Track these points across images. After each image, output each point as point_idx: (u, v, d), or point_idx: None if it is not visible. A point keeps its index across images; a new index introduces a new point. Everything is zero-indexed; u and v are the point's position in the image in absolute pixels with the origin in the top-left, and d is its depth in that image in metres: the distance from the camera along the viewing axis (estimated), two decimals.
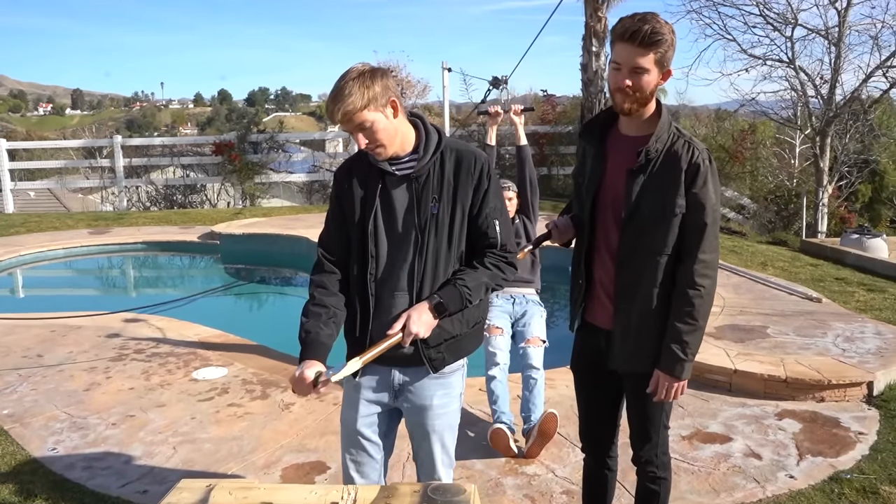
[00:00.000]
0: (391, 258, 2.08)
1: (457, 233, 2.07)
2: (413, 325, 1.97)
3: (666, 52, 2.01)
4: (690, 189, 2.06)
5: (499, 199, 2.11)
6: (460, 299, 2.03)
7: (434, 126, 2.12)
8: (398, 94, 2.01)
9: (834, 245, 8.22)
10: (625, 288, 2.15)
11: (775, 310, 5.52)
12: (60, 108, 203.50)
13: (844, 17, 11.68)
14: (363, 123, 1.95)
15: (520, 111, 4.17)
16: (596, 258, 2.24)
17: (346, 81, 1.92)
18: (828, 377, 4.04)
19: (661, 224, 2.08)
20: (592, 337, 2.30)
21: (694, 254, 2.06)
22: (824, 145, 12.06)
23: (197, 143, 15.14)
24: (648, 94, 2.06)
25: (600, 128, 2.25)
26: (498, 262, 2.10)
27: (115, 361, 4.86)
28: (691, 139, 2.10)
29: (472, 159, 2.07)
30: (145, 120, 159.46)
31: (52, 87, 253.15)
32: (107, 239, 10.11)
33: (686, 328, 2.07)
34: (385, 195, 2.08)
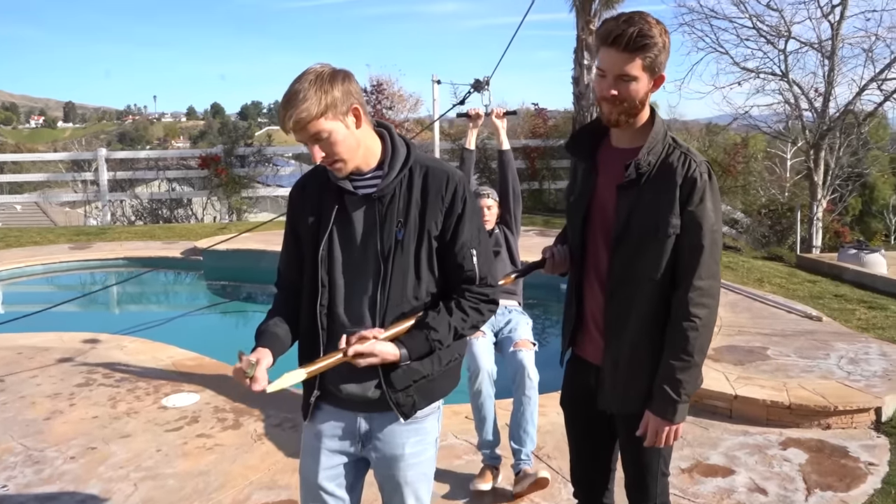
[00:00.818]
0: (349, 289, 1.84)
1: (424, 262, 1.82)
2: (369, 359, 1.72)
3: (657, 56, 1.78)
4: (686, 206, 1.82)
5: (475, 225, 1.86)
6: (428, 350, 1.81)
7: (403, 139, 1.88)
8: (362, 100, 1.77)
9: (831, 260, 8.05)
10: (615, 319, 1.92)
11: (775, 329, 5.30)
12: (52, 121, 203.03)
13: (837, 31, 11.61)
14: (319, 134, 1.70)
15: (502, 114, 3.90)
16: (587, 286, 2.02)
17: (300, 84, 1.68)
18: (834, 403, 3.82)
19: (653, 246, 1.84)
20: (582, 373, 2.07)
21: (689, 280, 1.83)
22: (818, 158, 11.94)
23: (183, 156, 14.89)
24: (638, 104, 1.84)
25: (589, 140, 2.02)
26: (477, 304, 1.86)
27: (81, 387, 4.59)
28: (688, 150, 1.87)
29: (443, 179, 1.82)
30: (137, 133, 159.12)
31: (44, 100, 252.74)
32: (87, 255, 9.83)
33: (679, 365, 1.83)
34: (343, 217, 1.84)
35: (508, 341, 3.39)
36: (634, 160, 1.85)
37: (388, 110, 14.16)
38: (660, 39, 1.77)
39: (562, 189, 13.97)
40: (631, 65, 1.77)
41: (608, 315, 1.93)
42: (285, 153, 15.10)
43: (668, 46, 1.81)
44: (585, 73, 12.57)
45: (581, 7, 12.45)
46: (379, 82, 14.05)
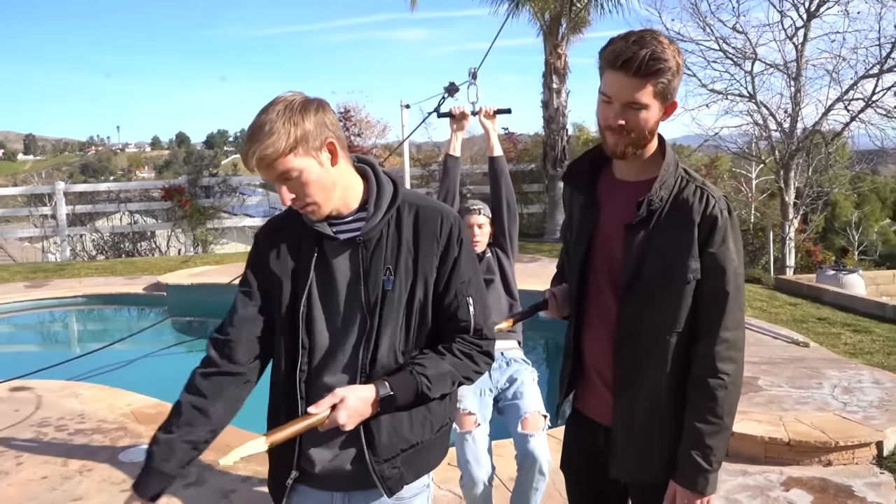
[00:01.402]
0: (331, 349, 1.59)
1: (416, 314, 1.58)
2: (342, 413, 1.45)
3: (670, 81, 1.58)
4: (706, 248, 1.61)
5: (471, 268, 1.64)
6: (415, 393, 1.53)
7: (389, 175, 1.64)
8: (339, 133, 1.54)
9: (810, 282, 7.99)
10: (626, 374, 1.69)
11: (763, 357, 5.16)
12: (12, 154, 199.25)
13: (802, 52, 11.74)
14: (288, 172, 1.46)
15: (492, 113, 3.30)
16: (587, 335, 1.79)
17: (266, 115, 1.45)
18: (834, 438, 3.65)
19: (671, 294, 1.63)
20: (588, 432, 1.83)
21: (714, 331, 1.61)
22: (788, 178, 12.00)
23: (145, 188, 14.49)
24: (647, 134, 1.63)
25: (589, 170, 1.80)
26: (470, 350, 1.62)
27: (30, 442, 4.23)
28: (704, 184, 1.66)
29: (437, 219, 1.59)
30: (101, 164, 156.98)
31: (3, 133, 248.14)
32: (44, 293, 9.39)
33: (708, 429, 1.60)
34: (323, 266, 1.59)
35: (514, 411, 2.88)
36: (647, 196, 1.63)
37: (357, 137, 13.96)
38: (673, 62, 1.57)
39: (535, 214, 13.88)
40: (642, 91, 1.57)
41: (618, 370, 1.71)
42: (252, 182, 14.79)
43: (681, 70, 1.60)
44: (554, 96, 12.56)
45: (548, 32, 12.47)
46: (346, 109, 13.87)
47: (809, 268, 12.23)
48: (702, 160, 15.84)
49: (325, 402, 1.46)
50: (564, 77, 12.64)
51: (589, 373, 1.81)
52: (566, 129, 12.92)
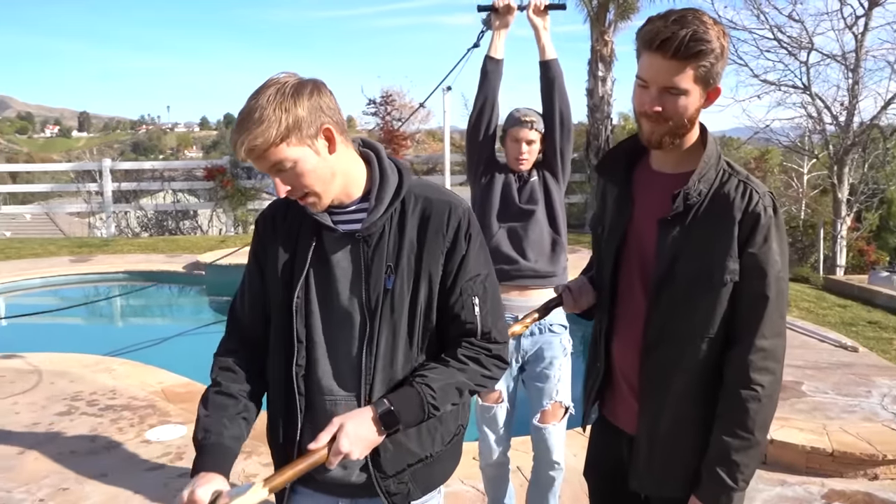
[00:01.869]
0: (330, 348, 1.50)
1: (421, 316, 1.48)
2: (344, 441, 1.34)
3: (713, 65, 1.44)
4: (746, 248, 1.47)
5: (481, 265, 1.51)
6: (420, 408, 1.42)
7: (395, 163, 1.53)
8: (338, 117, 1.42)
9: (862, 283, 7.65)
10: (652, 381, 1.57)
11: (808, 361, 4.93)
12: (67, 131, 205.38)
13: (861, 42, 11.24)
14: (281, 163, 1.36)
15: (543, 7, 2.78)
16: (617, 337, 1.67)
17: (256, 101, 1.33)
18: (882, 451, 3.44)
19: (705, 295, 1.49)
20: (612, 440, 1.72)
21: (750, 338, 1.47)
22: (842, 174, 11.54)
23: (188, 167, 14.68)
24: (686, 122, 1.50)
25: (625, 161, 1.67)
26: (477, 355, 1.50)
27: (62, 416, 4.28)
28: (748, 178, 1.53)
29: (444, 213, 1.47)
30: (151, 143, 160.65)
31: (59, 110, 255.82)
32: (87, 268, 9.59)
33: (736, 443, 1.48)
34: (321, 258, 1.49)
35: (536, 394, 2.68)
36: (683, 189, 1.50)
37: (398, 122, 13.90)
38: (717, 44, 1.43)
39: (576, 204, 13.64)
40: (681, 75, 1.43)
41: (644, 376, 1.59)
42: None
43: (726, 52, 1.46)
44: (600, 84, 12.28)
45: (595, 18, 12.17)
46: (388, 94, 13.80)
47: (861, 268, 11.79)
48: (751, 153, 15.37)
49: (324, 434, 1.36)
50: (610, 65, 12.34)
51: (616, 378, 1.69)
52: (611, 118, 12.64)
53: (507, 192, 2.72)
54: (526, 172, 2.75)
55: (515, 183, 2.74)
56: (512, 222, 2.69)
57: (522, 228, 2.68)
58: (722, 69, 1.48)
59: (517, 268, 2.64)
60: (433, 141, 18.68)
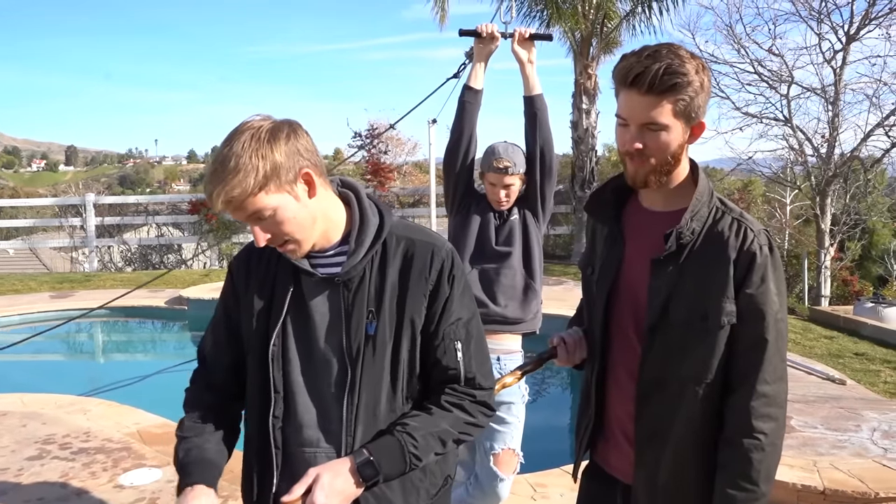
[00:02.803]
0: (310, 398, 1.44)
1: (405, 364, 1.42)
2: (319, 495, 1.28)
3: (692, 98, 1.40)
4: (743, 288, 1.43)
5: (465, 309, 1.46)
6: (401, 458, 1.36)
7: (375, 204, 1.48)
8: (316, 158, 1.36)
9: (847, 314, 7.64)
10: (649, 429, 1.51)
11: (796, 394, 4.87)
12: (54, 165, 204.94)
13: (840, 76, 11.41)
14: (260, 212, 1.30)
15: (528, 35, 2.66)
16: (611, 382, 1.61)
17: (230, 149, 1.27)
18: (874, 488, 3.38)
19: (701, 339, 1.44)
20: (606, 490, 1.65)
21: (750, 384, 1.42)
22: (825, 205, 11.62)
23: (173, 201, 14.59)
24: (669, 159, 1.45)
25: (613, 199, 1.62)
26: (460, 401, 1.43)
27: (31, 461, 4.14)
28: (742, 216, 1.48)
29: (427, 255, 1.43)
30: (138, 176, 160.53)
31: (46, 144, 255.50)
32: (68, 304, 9.41)
33: (741, 496, 1.41)
34: (298, 304, 1.43)
35: (489, 434, 2.58)
36: (676, 228, 1.45)
37: (384, 154, 13.92)
38: (695, 77, 1.39)
39: (562, 235, 13.66)
40: (658, 110, 1.39)
41: (641, 423, 1.52)
42: None
43: (707, 86, 1.43)
44: (584, 117, 12.39)
45: (579, 51, 12.33)
46: (374, 126, 13.84)
47: (846, 297, 11.81)
48: (734, 184, 15.49)
49: (298, 487, 1.30)
50: (594, 97, 12.46)
51: (610, 425, 1.63)
52: (595, 150, 12.73)
53: (484, 232, 2.66)
54: (506, 211, 2.70)
55: (494, 221, 2.68)
56: (486, 264, 2.63)
57: (495, 272, 2.63)
58: (704, 103, 1.44)
59: (486, 312, 2.55)
60: (419, 173, 18.72)
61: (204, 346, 1.55)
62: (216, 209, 1.30)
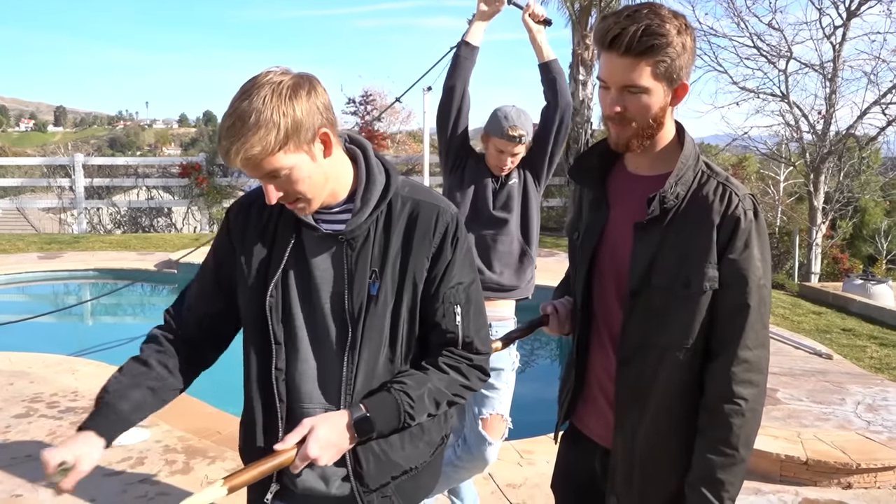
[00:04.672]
0: (310, 352, 1.42)
1: (405, 324, 1.41)
2: (313, 446, 1.26)
3: (673, 60, 1.36)
4: (726, 254, 1.40)
5: (465, 272, 1.44)
6: (396, 416, 1.35)
7: (382, 161, 1.44)
8: (332, 115, 1.32)
9: (836, 291, 7.69)
10: (630, 393, 1.50)
11: (783, 368, 4.92)
12: (42, 125, 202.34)
13: (839, 52, 11.33)
14: (276, 171, 1.27)
15: (541, 18, 2.67)
16: (593, 346, 1.59)
17: (250, 103, 1.21)
18: (856, 459, 3.42)
19: (683, 304, 1.42)
20: (584, 453, 1.64)
21: (732, 349, 1.40)
22: (818, 182, 11.63)
23: (163, 164, 14.45)
24: (651, 122, 1.42)
25: (598, 164, 1.59)
26: (458, 364, 1.43)
27: (19, 418, 4.13)
28: (728, 180, 1.45)
29: (432, 216, 1.40)
30: (129, 139, 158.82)
31: (35, 104, 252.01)
32: (56, 265, 9.36)
33: (720, 460, 1.40)
34: (299, 258, 1.40)
35: (479, 399, 2.60)
36: (659, 192, 1.42)
37: (378, 122, 13.79)
38: (675, 38, 1.35)
39: (555, 208, 13.63)
40: (637, 72, 1.36)
41: (621, 388, 1.51)
42: None
43: (690, 47, 1.38)
44: (580, 88, 12.29)
45: (577, 21, 12.18)
46: (368, 93, 13.69)
47: (835, 275, 11.89)
48: (729, 160, 15.46)
49: (292, 436, 1.28)
50: (591, 68, 12.35)
51: (591, 389, 1.62)
52: (591, 122, 12.65)
53: (481, 196, 2.62)
54: (505, 176, 2.64)
55: (493, 184, 2.63)
56: (482, 230, 2.61)
57: (492, 238, 2.61)
58: (687, 64, 1.40)
59: (481, 279, 2.50)
60: (413, 142, 18.60)
61: (188, 290, 1.53)
62: (232, 166, 1.27)
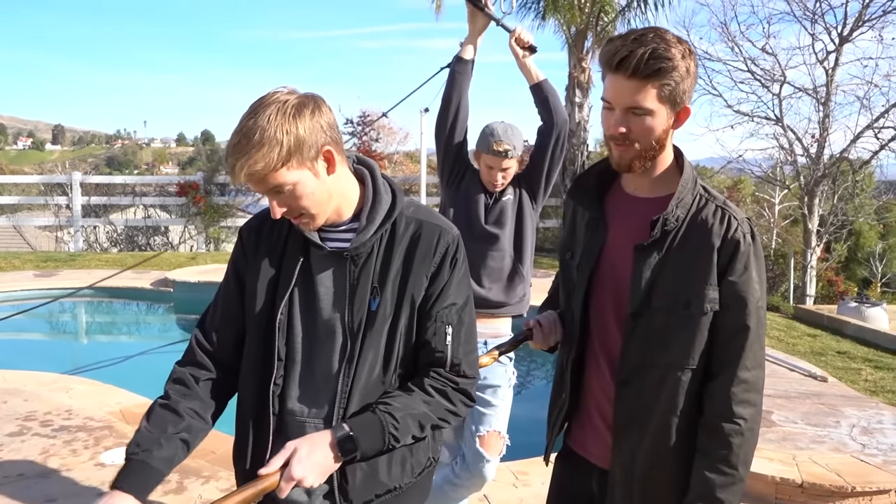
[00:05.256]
0: (307, 368, 1.45)
1: (401, 340, 1.43)
2: (297, 468, 1.27)
3: (678, 84, 1.40)
4: (726, 276, 1.43)
5: (461, 294, 1.47)
6: (380, 437, 1.36)
7: (389, 182, 1.49)
8: (337, 135, 1.37)
9: (831, 313, 7.71)
10: (629, 416, 1.51)
11: (778, 390, 4.92)
12: (40, 143, 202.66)
13: (832, 77, 11.48)
14: (280, 187, 1.32)
15: (527, 44, 2.67)
16: (590, 367, 1.60)
17: (255, 121, 1.27)
18: (851, 482, 3.42)
19: (684, 325, 1.44)
20: (580, 475, 1.64)
21: (731, 370, 1.42)
22: (812, 205, 11.72)
23: (161, 182, 14.48)
24: (654, 144, 1.45)
25: (597, 184, 1.61)
26: (444, 387, 1.44)
27: (12, 437, 4.11)
28: (726, 204, 1.48)
29: (434, 238, 1.44)
30: (126, 158, 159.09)
31: (33, 122, 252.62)
32: (52, 283, 9.33)
33: (720, 480, 1.42)
34: (306, 275, 1.44)
35: (476, 416, 2.61)
36: (662, 215, 1.44)
37: (375, 142, 13.87)
38: (680, 62, 1.39)
39: (551, 229, 13.67)
40: (643, 94, 1.39)
41: (620, 409, 1.52)
42: None
43: (693, 71, 1.42)
44: (577, 110, 12.38)
45: (573, 44, 12.30)
46: (366, 114, 13.78)
47: (830, 298, 11.92)
48: (724, 182, 15.56)
49: (276, 460, 1.29)
50: (587, 91, 12.45)
51: (588, 409, 1.63)
52: (587, 143, 12.73)
53: (473, 210, 2.62)
54: (499, 192, 2.64)
55: (486, 199, 2.63)
56: (473, 244, 2.51)
57: (483, 253, 2.60)
58: (690, 88, 1.44)
59: None
60: (411, 162, 18.68)
61: (208, 316, 1.54)
62: (237, 181, 1.31)
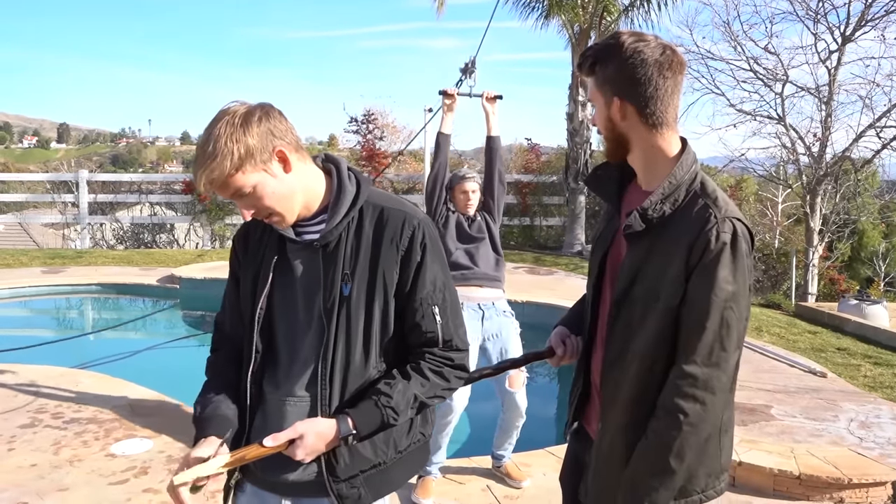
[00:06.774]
0: (288, 357, 1.56)
1: (377, 323, 1.52)
2: (300, 452, 1.44)
3: (614, 73, 1.45)
4: (693, 273, 1.41)
5: (439, 274, 1.55)
6: (380, 429, 1.50)
7: (355, 174, 1.59)
8: (291, 136, 1.47)
9: (832, 311, 7.76)
10: (607, 397, 1.57)
11: (777, 385, 4.98)
12: (46, 142, 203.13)
13: (835, 77, 11.50)
14: (240, 190, 1.43)
15: (492, 97, 3.71)
16: (596, 346, 1.68)
17: (209, 135, 1.40)
18: (848, 474, 3.48)
19: (654, 317, 1.46)
20: (582, 448, 1.73)
21: (680, 363, 1.42)
22: (814, 204, 11.75)
23: (167, 180, 14.57)
24: (612, 133, 1.52)
25: (617, 176, 1.65)
26: (440, 367, 1.54)
27: (24, 428, 4.19)
28: (715, 201, 1.46)
29: (399, 222, 1.52)
30: (131, 156, 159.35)
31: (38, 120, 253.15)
32: (59, 279, 9.43)
33: (650, 465, 1.43)
34: (283, 269, 1.56)
35: None
36: (639, 208, 1.48)
37: (380, 140, 13.93)
38: (618, 52, 1.44)
39: (553, 226, 13.74)
40: (591, 88, 1.53)
41: (604, 391, 1.59)
42: None
43: (642, 61, 1.43)
44: (580, 109, 12.42)
45: (577, 43, 12.35)
46: (370, 112, 13.84)
47: (832, 296, 11.96)
48: (727, 181, 15.61)
49: (284, 435, 1.44)
50: None
51: (592, 387, 1.70)
52: (590, 142, 12.77)
53: (460, 226, 3.62)
54: (473, 214, 3.64)
55: (466, 221, 3.65)
56: (466, 244, 3.59)
57: (475, 248, 3.59)
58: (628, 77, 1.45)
59: (473, 272, 3.54)
60: (414, 161, 18.74)
61: (221, 317, 1.69)
62: (200, 189, 1.44)
